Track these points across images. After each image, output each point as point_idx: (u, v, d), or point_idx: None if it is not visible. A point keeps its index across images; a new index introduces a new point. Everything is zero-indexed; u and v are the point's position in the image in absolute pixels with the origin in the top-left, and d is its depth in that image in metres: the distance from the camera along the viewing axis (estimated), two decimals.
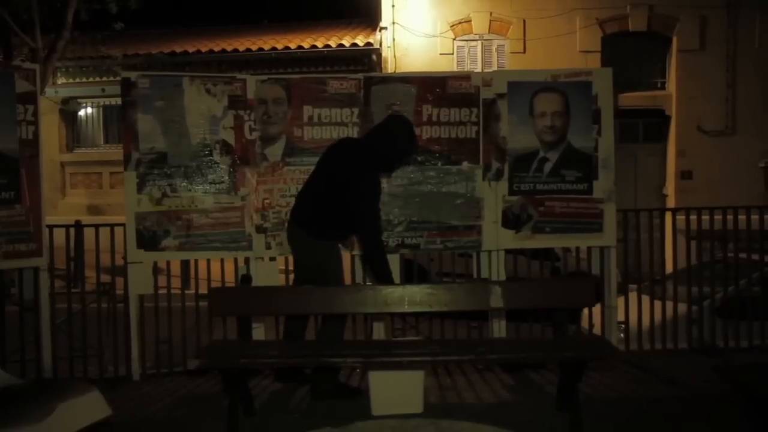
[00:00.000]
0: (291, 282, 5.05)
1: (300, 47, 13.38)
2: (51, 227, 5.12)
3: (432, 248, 5.23)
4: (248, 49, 13.57)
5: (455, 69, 12.60)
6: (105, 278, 5.56)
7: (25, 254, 4.76)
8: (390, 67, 12.97)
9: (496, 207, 5.15)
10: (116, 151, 11.61)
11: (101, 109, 14.76)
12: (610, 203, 5.18)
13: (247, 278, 4.99)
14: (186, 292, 5.55)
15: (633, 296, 5.64)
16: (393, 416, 3.95)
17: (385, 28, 13.22)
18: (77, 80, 14.14)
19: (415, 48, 13.14)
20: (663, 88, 13.10)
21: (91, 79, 14.00)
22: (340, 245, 4.70)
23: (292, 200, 5.06)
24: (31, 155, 4.82)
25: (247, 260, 5.12)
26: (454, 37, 13.18)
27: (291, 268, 6.43)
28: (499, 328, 5.18)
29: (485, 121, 5.16)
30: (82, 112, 14.86)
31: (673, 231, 5.67)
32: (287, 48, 13.41)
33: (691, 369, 5.02)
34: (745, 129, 12.61)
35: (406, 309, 4.17)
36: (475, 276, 5.30)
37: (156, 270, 5.16)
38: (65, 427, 3.05)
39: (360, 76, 5.22)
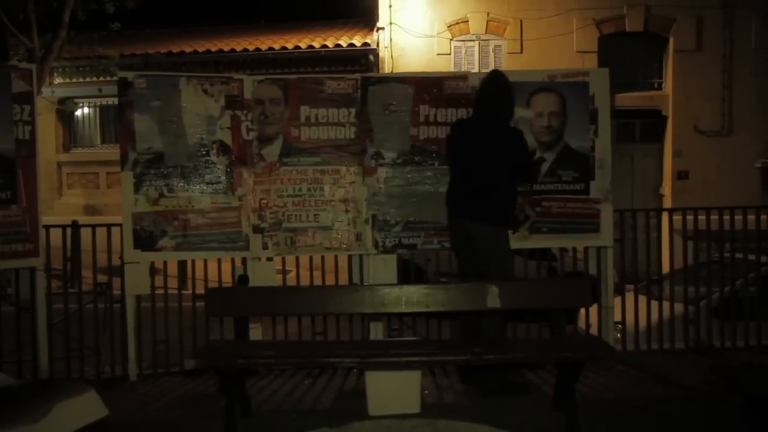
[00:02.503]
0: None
1: (297, 47, 13.38)
2: (48, 227, 5.11)
3: (429, 248, 5.24)
4: (245, 50, 13.56)
5: (452, 69, 12.59)
6: (102, 278, 5.56)
7: (22, 254, 4.75)
8: (387, 68, 12.96)
9: None
10: (113, 151, 11.60)
11: (98, 109, 14.73)
12: (607, 203, 5.18)
13: (244, 278, 4.99)
14: (183, 292, 5.55)
15: (630, 296, 5.64)
16: (390, 416, 3.95)
17: (383, 28, 13.21)
18: (74, 80, 14.11)
19: (412, 48, 13.13)
20: (660, 88, 13.11)
21: (87, 79, 13.97)
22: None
23: (289, 200, 5.08)
24: (28, 155, 4.81)
25: (244, 260, 5.12)
26: (451, 37, 13.18)
27: (288, 268, 6.47)
28: None
29: None
30: (78, 112, 14.84)
31: (669, 231, 5.68)
32: (284, 48, 13.41)
33: (687, 369, 5.03)
34: (741, 129, 12.64)
35: (404, 309, 4.17)
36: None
37: (153, 270, 5.16)
38: (62, 427, 3.04)
39: (357, 76, 5.22)
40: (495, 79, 4.58)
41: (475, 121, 4.66)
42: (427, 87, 5.15)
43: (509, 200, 4.54)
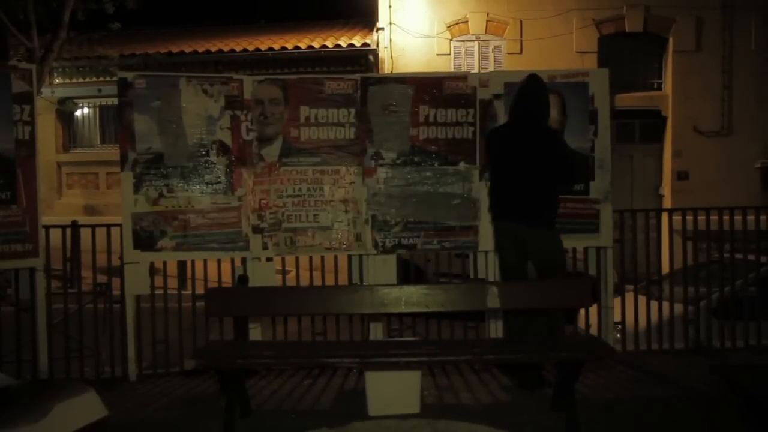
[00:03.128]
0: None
1: (297, 47, 13.38)
2: (47, 227, 5.11)
3: (429, 248, 5.24)
4: (245, 50, 13.56)
5: (452, 69, 12.60)
6: (101, 279, 5.56)
7: (22, 255, 4.75)
8: (387, 68, 12.96)
9: None
10: (113, 152, 11.61)
11: (98, 109, 14.73)
12: (606, 204, 5.18)
13: (243, 279, 4.99)
14: (183, 292, 5.54)
15: (629, 297, 5.64)
16: (390, 416, 3.95)
17: (382, 28, 13.21)
18: (74, 80, 14.09)
19: (412, 48, 13.13)
20: (659, 88, 13.11)
21: (87, 80, 13.96)
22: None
23: (289, 200, 5.08)
24: (28, 155, 4.81)
25: (243, 260, 5.12)
26: (451, 37, 13.18)
27: (288, 268, 6.47)
28: (495, 329, 5.18)
29: (482, 122, 5.16)
30: (78, 113, 14.83)
31: (669, 231, 5.69)
32: (284, 48, 13.40)
33: (687, 369, 5.03)
34: (741, 130, 12.64)
35: (403, 309, 4.18)
36: (471, 276, 5.30)
37: (153, 270, 5.16)
38: (61, 428, 3.04)
39: (357, 76, 5.22)
40: (534, 83, 4.61)
41: (514, 126, 4.66)
42: (426, 87, 5.15)
43: (555, 202, 4.58)
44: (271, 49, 13.42)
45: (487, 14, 13.09)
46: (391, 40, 13.14)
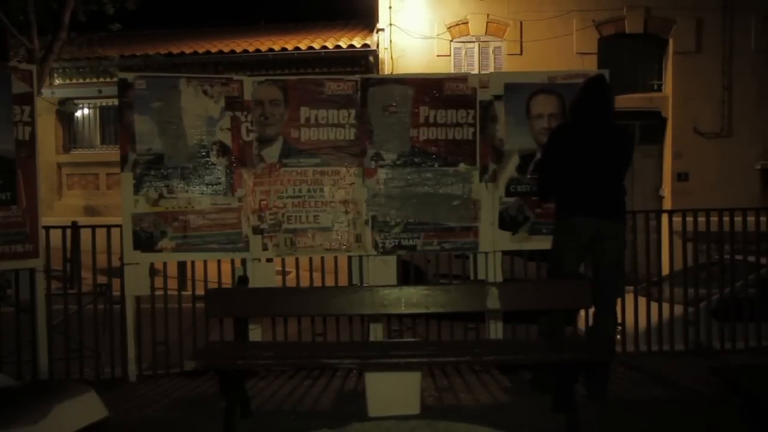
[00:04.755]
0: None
1: (297, 48, 13.40)
2: (47, 228, 5.11)
3: (429, 250, 5.24)
4: (245, 51, 13.58)
5: (452, 70, 12.60)
6: (101, 279, 5.56)
7: (22, 255, 4.76)
8: (387, 69, 12.98)
9: (492, 208, 5.16)
10: (113, 152, 11.63)
11: (98, 110, 14.74)
12: None
13: (243, 279, 4.99)
14: (183, 293, 5.54)
15: (630, 298, 5.64)
16: (390, 417, 3.95)
17: (382, 29, 13.23)
18: (74, 81, 14.13)
19: (412, 49, 13.15)
20: (659, 90, 13.12)
21: (87, 80, 13.99)
22: None
23: (289, 201, 5.08)
24: (28, 156, 4.82)
25: (243, 261, 5.12)
26: (451, 38, 13.20)
27: (288, 269, 6.46)
28: (495, 330, 5.18)
29: (482, 123, 5.17)
30: (78, 113, 14.84)
31: (669, 233, 5.67)
32: (284, 49, 13.42)
33: (687, 370, 5.03)
34: (741, 131, 12.66)
35: (403, 310, 4.18)
36: (471, 277, 5.30)
37: (153, 271, 5.16)
38: (62, 428, 3.05)
39: (357, 77, 5.22)
40: (603, 82, 4.56)
41: (588, 123, 4.49)
42: (426, 88, 5.15)
43: (625, 199, 4.55)
44: (271, 50, 13.44)
45: (488, 15, 13.10)
46: (391, 41, 13.16)
